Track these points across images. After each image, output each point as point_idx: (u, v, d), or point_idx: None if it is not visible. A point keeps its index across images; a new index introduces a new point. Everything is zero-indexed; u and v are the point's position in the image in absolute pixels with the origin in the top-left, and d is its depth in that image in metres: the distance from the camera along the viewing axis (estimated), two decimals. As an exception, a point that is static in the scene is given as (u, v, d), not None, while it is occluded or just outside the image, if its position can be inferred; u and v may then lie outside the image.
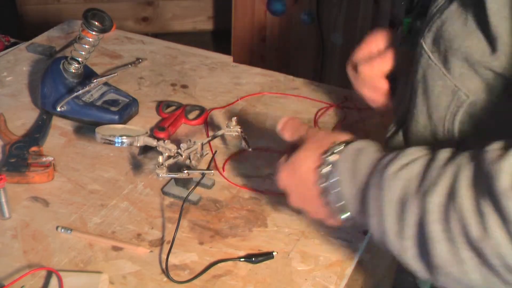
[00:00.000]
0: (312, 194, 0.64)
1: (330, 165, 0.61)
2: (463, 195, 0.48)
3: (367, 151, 0.61)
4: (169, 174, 0.83)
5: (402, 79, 0.78)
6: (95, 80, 1.01)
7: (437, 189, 0.50)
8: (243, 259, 0.77)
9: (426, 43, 0.65)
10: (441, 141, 0.65)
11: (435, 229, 0.50)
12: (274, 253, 0.78)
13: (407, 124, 0.72)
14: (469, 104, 0.61)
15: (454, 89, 0.61)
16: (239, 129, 0.92)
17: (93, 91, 1.04)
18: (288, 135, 0.72)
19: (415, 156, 0.55)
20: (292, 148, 0.69)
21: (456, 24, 0.61)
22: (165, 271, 0.75)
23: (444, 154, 0.53)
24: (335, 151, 0.62)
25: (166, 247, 0.78)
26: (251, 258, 0.77)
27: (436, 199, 0.50)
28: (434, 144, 0.65)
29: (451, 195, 0.49)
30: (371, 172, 0.58)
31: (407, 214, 0.52)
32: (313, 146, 0.65)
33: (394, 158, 0.56)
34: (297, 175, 0.66)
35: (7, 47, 1.29)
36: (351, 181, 0.60)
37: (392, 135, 0.76)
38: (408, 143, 0.72)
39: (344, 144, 0.62)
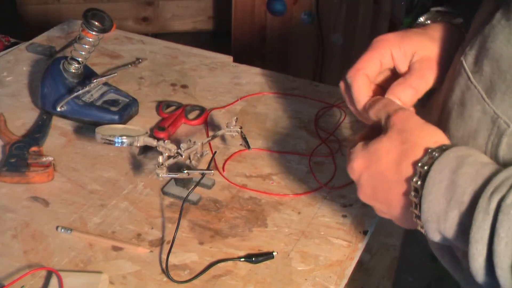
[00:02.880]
0: (391, 194, 0.58)
1: (421, 178, 0.54)
2: None
3: (469, 161, 0.52)
4: (169, 174, 0.83)
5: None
6: (95, 80, 1.01)
7: None
8: (243, 259, 0.77)
9: (467, 62, 0.58)
10: None
11: None
12: (274, 253, 0.78)
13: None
14: (510, 134, 0.53)
15: (493, 116, 0.54)
16: (239, 129, 0.93)
17: (93, 91, 1.04)
18: (373, 112, 0.62)
19: None
20: (372, 130, 0.60)
21: (499, 40, 0.53)
22: (165, 271, 0.75)
23: None
24: (429, 161, 0.54)
25: (166, 247, 0.78)
26: (251, 258, 0.77)
27: None
28: None
29: None
30: (476, 192, 0.50)
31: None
32: (399, 138, 0.57)
33: (508, 179, 0.49)
34: (376, 168, 0.58)
35: (7, 47, 1.29)
36: (448, 202, 0.52)
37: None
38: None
39: (439, 150, 0.54)
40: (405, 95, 0.66)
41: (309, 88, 1.15)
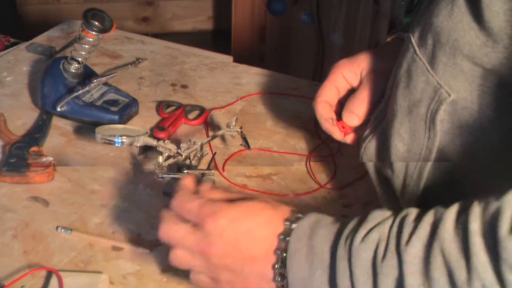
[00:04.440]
0: (252, 256, 0.57)
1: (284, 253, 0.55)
2: (447, 239, 0.46)
3: (322, 224, 0.55)
4: (169, 174, 0.83)
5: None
6: (95, 80, 1.01)
7: (415, 239, 0.47)
8: None
9: (414, 37, 0.63)
10: (418, 138, 0.63)
11: (414, 282, 0.46)
12: None
13: (385, 121, 0.70)
14: (451, 103, 0.59)
15: (436, 86, 0.59)
16: (239, 129, 0.93)
17: (93, 91, 1.04)
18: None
19: (381, 218, 0.52)
20: None
21: (442, 15, 0.58)
22: (163, 272, 0.74)
23: (414, 210, 0.51)
24: (288, 232, 0.55)
25: (166, 247, 0.78)
26: None
27: (415, 249, 0.47)
28: (411, 141, 0.64)
29: (432, 242, 0.46)
30: (333, 247, 0.53)
31: (382, 277, 0.48)
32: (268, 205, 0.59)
33: (358, 225, 0.52)
34: (245, 225, 0.57)
35: (7, 47, 1.29)
36: (310, 265, 0.53)
37: (368, 134, 0.74)
38: (383, 141, 0.70)
39: (295, 220, 0.57)
40: (358, 108, 0.78)
41: (309, 88, 1.15)
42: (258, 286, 0.57)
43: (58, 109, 1.02)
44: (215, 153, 0.95)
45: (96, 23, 0.96)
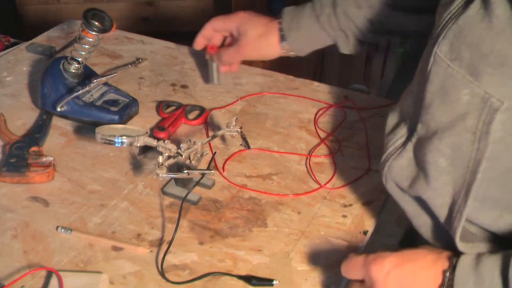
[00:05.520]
0: None
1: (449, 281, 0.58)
2: None
3: (485, 255, 0.58)
4: (169, 174, 0.83)
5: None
6: (95, 80, 1.01)
7: None
8: (240, 278, 0.75)
9: (442, 51, 0.63)
10: (465, 152, 0.62)
11: None
12: (274, 282, 0.74)
13: (414, 138, 0.69)
14: (505, 110, 0.57)
15: (484, 96, 0.58)
16: (239, 129, 0.93)
17: (93, 91, 1.04)
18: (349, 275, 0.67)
19: None
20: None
21: (480, 28, 0.59)
22: (161, 272, 0.75)
23: None
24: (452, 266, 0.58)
25: (166, 247, 0.78)
26: (250, 280, 0.74)
27: None
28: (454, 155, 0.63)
29: None
30: (502, 271, 0.55)
31: None
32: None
33: None
34: (409, 267, 0.61)
35: (7, 47, 1.29)
36: None
37: (393, 152, 0.73)
38: (416, 158, 0.69)
39: (456, 258, 0.59)
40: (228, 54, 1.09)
41: (309, 88, 1.15)
42: None
43: (58, 109, 1.02)
44: (215, 153, 0.95)
45: (96, 23, 0.96)
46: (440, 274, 0.59)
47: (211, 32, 1.11)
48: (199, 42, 1.11)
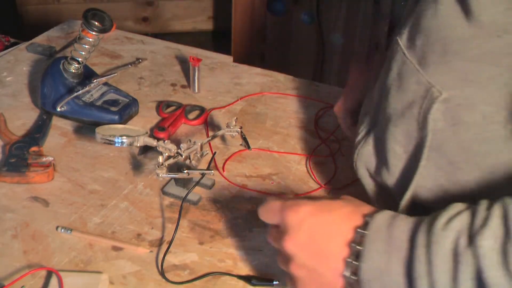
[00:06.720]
0: (330, 246, 0.57)
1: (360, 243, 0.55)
2: None
3: (400, 217, 0.55)
4: (169, 174, 0.83)
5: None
6: (95, 80, 1.01)
7: (487, 231, 0.48)
8: (241, 278, 0.75)
9: (402, 40, 0.64)
10: (414, 139, 0.63)
11: (495, 275, 0.46)
12: (275, 282, 0.74)
13: (378, 125, 0.70)
14: (443, 101, 0.59)
15: (427, 85, 0.60)
16: (239, 129, 0.93)
17: (93, 91, 1.04)
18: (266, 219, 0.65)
19: (461, 208, 0.52)
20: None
21: (429, 15, 0.59)
22: (161, 272, 0.74)
23: (485, 201, 0.51)
24: (365, 226, 0.55)
25: (166, 247, 0.78)
26: (250, 280, 0.74)
27: (489, 242, 0.47)
28: (407, 142, 0.64)
29: (507, 234, 0.47)
30: (411, 235, 0.52)
31: (461, 268, 0.48)
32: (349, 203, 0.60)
33: (438, 214, 0.52)
34: (325, 217, 0.58)
35: (7, 47, 1.29)
36: (388, 255, 0.53)
37: (362, 138, 0.74)
38: (378, 145, 0.70)
39: (371, 215, 0.56)
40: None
41: (309, 88, 1.15)
42: (331, 282, 0.57)
43: (58, 109, 1.02)
44: (215, 153, 0.95)
45: (96, 23, 0.96)
46: (351, 229, 0.56)
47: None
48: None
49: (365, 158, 0.73)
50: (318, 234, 0.58)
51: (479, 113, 0.57)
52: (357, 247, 0.55)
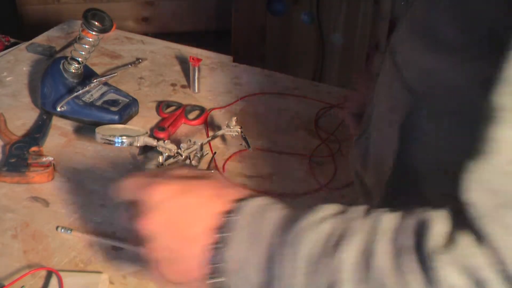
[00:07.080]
0: (191, 232, 0.50)
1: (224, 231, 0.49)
2: (381, 252, 0.43)
3: (272, 207, 0.50)
4: (169, 174, 0.83)
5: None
6: (95, 80, 1.01)
7: (350, 245, 0.44)
8: None
9: (394, 43, 0.64)
10: (389, 144, 0.61)
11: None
12: None
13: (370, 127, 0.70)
14: (417, 109, 0.57)
15: (402, 91, 0.58)
16: (239, 129, 0.93)
17: (93, 91, 1.04)
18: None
19: (330, 211, 0.48)
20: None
21: (403, 26, 0.60)
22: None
23: (358, 208, 0.48)
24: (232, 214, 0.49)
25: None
26: None
27: (350, 255, 0.44)
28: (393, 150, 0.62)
29: (366, 252, 0.43)
30: (276, 230, 0.48)
31: (317, 276, 0.44)
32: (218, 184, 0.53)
33: (305, 213, 0.48)
34: (188, 200, 0.51)
35: (7, 47, 1.29)
36: (250, 246, 0.48)
37: (357, 140, 0.74)
38: (371, 144, 0.70)
39: (241, 201, 0.50)
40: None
41: (309, 88, 1.15)
42: (193, 269, 0.50)
43: (58, 109, 1.02)
44: (215, 153, 0.95)
45: (96, 23, 0.96)
46: (212, 214, 0.49)
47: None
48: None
49: (353, 159, 0.73)
50: (173, 220, 0.51)
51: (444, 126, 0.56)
52: (223, 233, 0.49)
